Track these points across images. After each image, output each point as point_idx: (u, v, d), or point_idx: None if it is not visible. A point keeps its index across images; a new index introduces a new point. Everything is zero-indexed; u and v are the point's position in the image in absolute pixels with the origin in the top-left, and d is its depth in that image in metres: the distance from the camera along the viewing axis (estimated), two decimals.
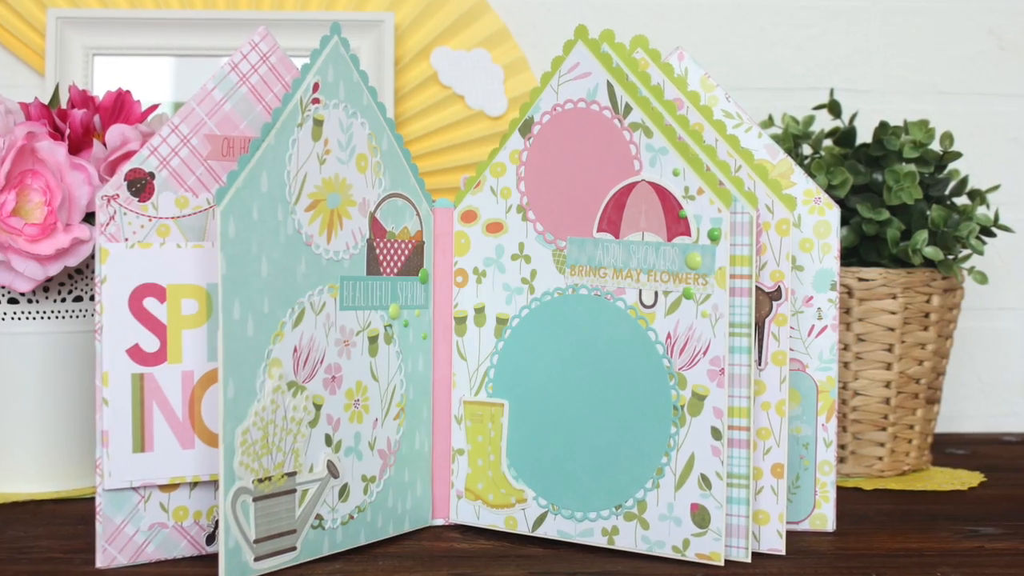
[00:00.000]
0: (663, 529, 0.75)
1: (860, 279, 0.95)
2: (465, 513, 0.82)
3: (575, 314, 0.78)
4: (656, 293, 0.75)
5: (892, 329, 0.96)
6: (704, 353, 0.73)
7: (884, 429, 0.97)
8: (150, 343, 0.73)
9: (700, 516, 0.73)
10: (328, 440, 0.74)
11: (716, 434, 0.73)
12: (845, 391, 0.97)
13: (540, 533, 0.79)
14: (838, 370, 0.83)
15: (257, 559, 0.69)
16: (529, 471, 0.79)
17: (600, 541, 0.77)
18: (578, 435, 0.77)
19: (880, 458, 0.98)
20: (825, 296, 0.81)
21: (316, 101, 0.73)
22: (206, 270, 0.74)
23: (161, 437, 0.73)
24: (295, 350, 0.72)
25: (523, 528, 0.80)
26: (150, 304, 0.73)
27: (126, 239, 0.72)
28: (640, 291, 0.75)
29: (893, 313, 0.96)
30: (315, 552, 0.73)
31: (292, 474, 0.72)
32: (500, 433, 0.80)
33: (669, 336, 0.74)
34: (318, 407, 0.74)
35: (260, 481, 0.69)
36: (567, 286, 0.78)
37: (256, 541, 0.69)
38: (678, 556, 0.74)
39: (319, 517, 0.74)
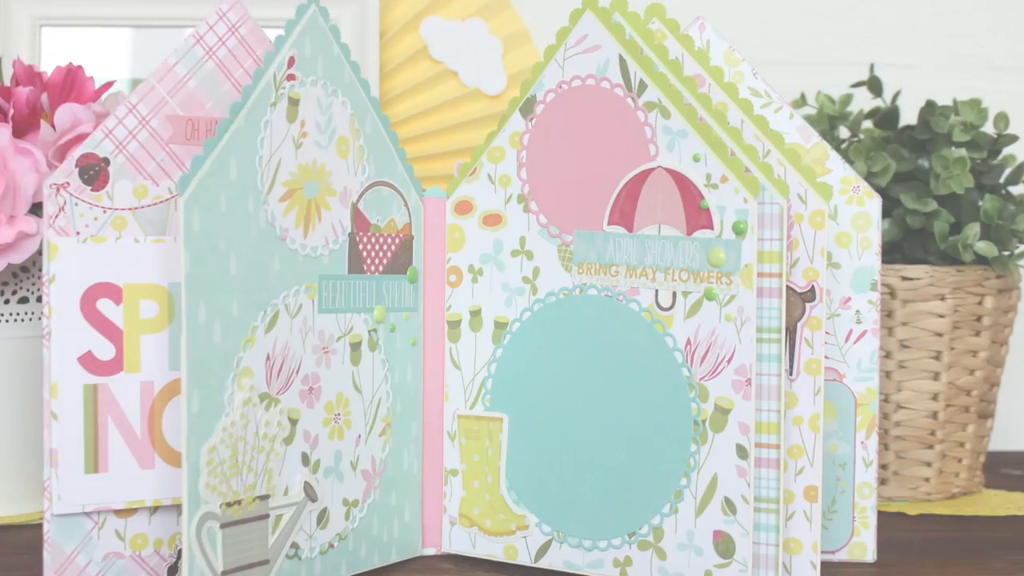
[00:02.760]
0: (682, 559, 0.75)
1: (904, 278, 0.95)
2: (459, 541, 0.82)
3: (583, 317, 0.78)
4: (674, 294, 0.75)
5: (940, 334, 0.96)
6: (728, 361, 0.73)
7: (931, 447, 0.97)
8: (105, 350, 0.73)
9: (724, 545, 0.73)
10: (305, 459, 0.74)
11: (742, 452, 0.73)
12: (887, 404, 0.97)
13: (544, 564, 0.79)
14: (879, 380, 0.83)
15: None
16: (531, 494, 0.80)
17: (611, 573, 0.77)
18: (586, 454, 0.77)
19: (926, 479, 0.98)
20: (865, 297, 0.81)
21: (291, 78, 0.73)
22: (168, 268, 0.74)
23: (117, 456, 0.73)
24: (268, 358, 0.72)
25: (524, 558, 0.80)
26: (104, 306, 0.73)
27: (77, 233, 0.72)
28: (656, 291, 0.75)
29: (941, 316, 0.96)
30: None
31: (265, 497, 0.72)
32: (499, 451, 0.80)
33: (689, 342, 0.74)
34: (294, 422, 0.74)
35: (229, 505, 0.69)
36: (574, 286, 0.78)
37: (224, 573, 0.69)
38: None
39: (295, 546, 0.74)
